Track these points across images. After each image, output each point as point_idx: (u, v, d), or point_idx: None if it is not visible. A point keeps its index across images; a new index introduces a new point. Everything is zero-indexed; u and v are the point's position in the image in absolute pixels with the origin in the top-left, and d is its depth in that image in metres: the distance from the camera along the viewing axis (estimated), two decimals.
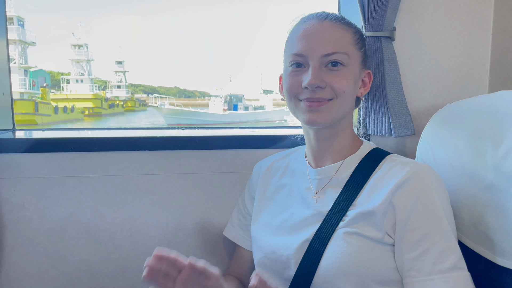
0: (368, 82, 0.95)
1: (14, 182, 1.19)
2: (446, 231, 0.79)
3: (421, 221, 0.79)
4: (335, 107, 0.86)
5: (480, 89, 1.33)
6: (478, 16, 1.30)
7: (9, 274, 1.22)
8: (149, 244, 1.26)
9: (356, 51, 0.89)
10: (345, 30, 0.88)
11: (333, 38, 0.86)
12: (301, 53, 0.86)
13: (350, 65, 0.87)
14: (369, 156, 0.92)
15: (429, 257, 0.77)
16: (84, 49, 47.71)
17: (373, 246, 0.81)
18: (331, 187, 0.91)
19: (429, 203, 0.80)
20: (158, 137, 1.24)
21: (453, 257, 0.77)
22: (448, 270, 0.76)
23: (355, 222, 0.83)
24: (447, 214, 0.81)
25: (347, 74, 0.86)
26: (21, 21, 32.91)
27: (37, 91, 33.63)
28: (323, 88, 0.84)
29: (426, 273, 0.77)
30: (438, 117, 1.08)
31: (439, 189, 0.83)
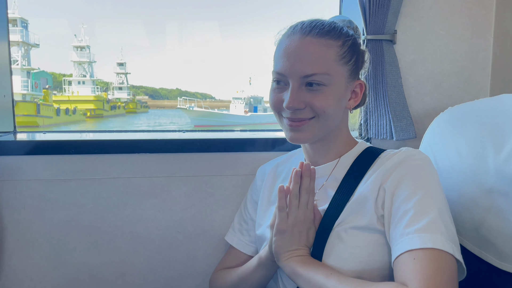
0: (359, 92, 0.90)
1: (15, 184, 1.19)
2: (424, 198, 0.76)
3: (401, 191, 0.78)
4: (317, 126, 0.86)
5: (482, 92, 1.33)
6: (480, 19, 1.30)
7: (9, 276, 1.22)
8: (150, 247, 1.26)
9: (341, 67, 0.85)
10: (328, 47, 0.83)
11: (314, 58, 0.82)
12: (281, 72, 0.85)
13: (333, 83, 0.84)
14: (364, 154, 0.92)
15: (402, 221, 0.75)
16: (86, 51, 47.84)
17: (369, 241, 0.80)
18: (328, 185, 0.91)
19: (412, 175, 0.79)
20: (159, 139, 1.24)
21: (425, 220, 0.73)
22: (417, 230, 0.72)
23: (349, 215, 0.83)
24: (430, 186, 0.78)
25: (329, 93, 0.84)
26: (24, 23, 33.02)
27: (39, 93, 33.71)
28: (302, 109, 0.84)
29: (398, 236, 0.74)
30: (440, 120, 1.07)
31: (426, 166, 0.81)
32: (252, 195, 1.13)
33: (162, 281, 1.28)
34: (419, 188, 0.77)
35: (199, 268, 1.29)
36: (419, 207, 0.75)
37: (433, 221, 0.73)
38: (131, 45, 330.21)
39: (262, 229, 1.02)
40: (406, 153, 0.84)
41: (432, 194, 0.77)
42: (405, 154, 0.83)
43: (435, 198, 0.77)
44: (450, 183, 0.96)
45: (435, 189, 0.79)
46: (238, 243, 1.11)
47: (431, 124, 1.10)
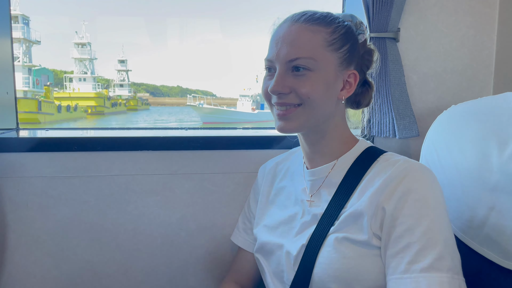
0: (353, 83, 0.87)
1: (17, 181, 1.19)
2: (429, 230, 0.74)
3: (404, 217, 0.75)
4: (305, 114, 0.84)
5: (485, 90, 1.32)
6: (483, 18, 1.30)
7: (12, 273, 1.22)
8: (152, 244, 1.27)
9: (330, 53, 0.83)
10: (315, 32, 0.83)
11: (299, 42, 0.82)
12: (270, 59, 0.85)
13: (319, 69, 0.82)
14: (363, 156, 0.89)
15: (406, 255, 0.73)
16: (87, 48, 47.84)
17: (361, 252, 0.79)
18: (324, 188, 0.90)
19: (414, 199, 0.76)
20: (162, 137, 1.24)
21: (430, 256, 0.71)
22: (423, 270, 0.71)
23: (344, 226, 0.81)
24: (435, 213, 0.76)
25: (314, 79, 0.82)
26: (26, 20, 33.01)
27: (40, 90, 33.74)
28: (287, 94, 0.83)
29: (400, 271, 0.73)
30: (443, 118, 1.07)
31: (429, 187, 0.78)
32: (255, 194, 1.13)
33: (164, 278, 1.29)
34: (423, 216, 0.75)
35: (201, 265, 1.29)
36: (424, 242, 0.73)
37: (439, 257, 0.72)
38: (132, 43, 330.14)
39: (258, 228, 1.02)
40: (407, 168, 0.80)
41: (437, 221, 0.75)
42: (406, 170, 0.79)
43: (440, 226, 0.75)
44: (453, 181, 0.96)
45: (440, 214, 0.76)
46: (243, 243, 1.11)
47: (434, 122, 1.09)
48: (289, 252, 0.89)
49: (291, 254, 0.88)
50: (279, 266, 0.92)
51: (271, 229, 0.97)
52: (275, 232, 0.95)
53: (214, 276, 1.29)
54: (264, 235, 0.97)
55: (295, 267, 0.87)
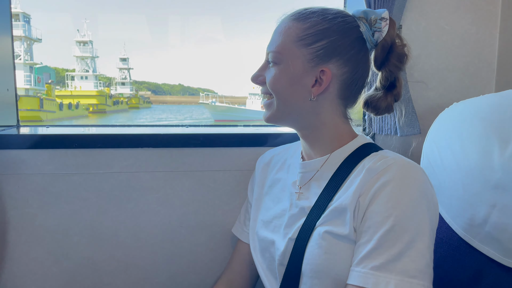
0: (324, 81, 0.83)
1: (18, 178, 1.19)
2: (392, 230, 0.72)
3: (372, 213, 0.75)
4: (274, 105, 0.87)
5: (487, 88, 1.32)
6: (485, 15, 1.29)
7: (12, 270, 1.22)
8: (152, 242, 1.27)
9: (298, 48, 0.83)
10: (290, 27, 0.85)
11: (275, 36, 0.87)
12: None
13: (284, 64, 0.84)
14: (358, 151, 0.87)
15: (363, 249, 0.74)
16: (89, 46, 47.90)
17: (341, 246, 0.78)
18: (315, 181, 0.89)
19: (386, 197, 0.74)
20: (162, 134, 1.24)
21: (384, 257, 0.71)
22: (373, 268, 0.71)
23: (329, 219, 0.81)
24: (405, 215, 0.73)
25: (278, 73, 0.85)
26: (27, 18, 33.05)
27: (42, 88, 33.81)
28: (263, 83, 0.89)
29: (355, 263, 0.74)
30: (445, 116, 1.07)
31: (406, 186, 0.75)
32: (252, 185, 1.13)
33: (165, 276, 1.29)
34: (390, 216, 0.73)
35: (201, 263, 1.29)
36: (382, 241, 0.72)
37: (393, 258, 0.70)
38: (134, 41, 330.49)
39: (253, 223, 1.03)
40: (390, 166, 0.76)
41: (404, 223, 0.72)
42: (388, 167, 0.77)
43: (407, 227, 0.72)
44: (454, 179, 0.95)
45: (410, 215, 0.73)
46: (241, 234, 1.11)
47: (436, 119, 1.09)
48: (278, 248, 0.89)
49: (280, 249, 0.88)
50: (272, 262, 0.92)
51: (266, 223, 0.97)
52: (269, 227, 0.95)
53: (214, 273, 1.29)
54: (261, 231, 0.97)
55: (284, 262, 0.86)
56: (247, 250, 1.09)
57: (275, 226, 0.94)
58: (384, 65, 0.87)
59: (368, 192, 0.76)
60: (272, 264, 0.92)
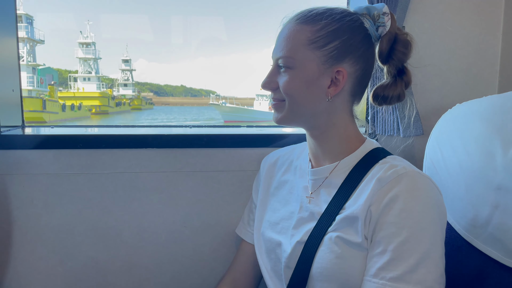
0: (341, 80, 0.85)
1: (23, 178, 1.20)
2: (407, 241, 0.73)
3: (386, 224, 0.76)
4: (287, 108, 0.87)
5: (490, 89, 1.32)
6: (488, 16, 1.29)
7: (17, 269, 1.23)
8: (156, 242, 1.27)
9: (311, 51, 0.83)
10: (300, 31, 0.84)
11: (284, 41, 0.86)
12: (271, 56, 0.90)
13: (299, 67, 0.84)
14: (367, 158, 0.88)
15: (379, 260, 0.75)
16: (92, 48, 47.98)
17: (354, 253, 0.79)
18: (324, 188, 0.90)
19: (400, 208, 0.75)
20: (166, 135, 1.24)
21: (401, 268, 0.72)
22: (391, 279, 0.72)
23: (341, 227, 0.82)
24: (418, 226, 0.74)
25: (294, 76, 0.84)
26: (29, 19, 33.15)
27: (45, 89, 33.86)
28: (275, 89, 0.88)
29: (371, 274, 0.75)
30: (448, 117, 1.07)
31: (418, 197, 0.76)
32: (257, 185, 1.13)
33: (168, 276, 1.29)
34: (405, 227, 0.74)
35: (205, 263, 1.30)
36: (399, 253, 0.73)
37: (410, 270, 0.72)
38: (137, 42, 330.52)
39: (258, 223, 1.03)
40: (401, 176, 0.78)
41: (419, 234, 0.74)
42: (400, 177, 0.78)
43: (421, 239, 0.74)
44: (457, 180, 0.95)
45: (424, 226, 0.75)
46: (245, 234, 1.12)
47: (439, 120, 1.09)
48: (285, 250, 0.89)
49: (287, 251, 0.89)
50: (278, 263, 0.92)
51: (273, 225, 0.97)
52: (276, 228, 0.96)
53: (217, 274, 1.29)
54: (268, 232, 0.98)
55: (291, 265, 0.87)
56: (251, 251, 1.09)
57: (283, 228, 0.94)
58: (390, 56, 0.89)
59: (380, 203, 0.77)
60: (277, 266, 0.92)
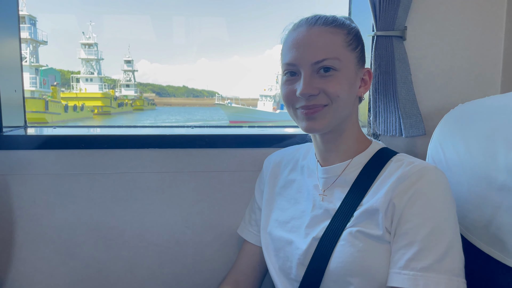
0: (368, 80, 0.93)
1: (25, 178, 1.20)
2: (434, 231, 0.76)
3: (411, 215, 0.78)
4: (331, 113, 0.86)
5: (492, 89, 1.32)
6: (491, 16, 1.29)
7: (19, 269, 1.23)
8: (158, 242, 1.27)
9: (349, 52, 0.87)
10: (335, 34, 0.86)
11: (323, 44, 0.84)
12: (292, 63, 0.86)
13: (343, 69, 0.85)
14: (377, 156, 0.91)
15: (407, 251, 0.76)
16: (94, 48, 48.09)
17: (375, 246, 0.81)
18: (337, 186, 0.91)
19: (424, 200, 0.78)
20: (168, 135, 1.24)
21: (431, 257, 0.74)
22: (422, 269, 0.74)
23: (360, 221, 0.83)
24: (442, 216, 0.78)
25: (341, 78, 0.85)
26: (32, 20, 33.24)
27: (47, 90, 33.95)
28: (316, 95, 0.85)
29: (399, 266, 0.76)
30: (450, 117, 1.07)
31: (441, 189, 0.81)
32: (260, 185, 1.14)
33: (170, 276, 1.29)
34: (430, 218, 0.77)
35: (206, 263, 1.30)
36: (427, 243, 0.75)
37: (439, 258, 0.74)
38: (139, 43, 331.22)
39: (265, 223, 1.03)
40: (422, 170, 0.81)
41: (443, 224, 0.77)
42: (421, 171, 0.81)
43: (446, 229, 0.77)
44: (459, 180, 0.95)
45: (447, 217, 0.78)
46: (247, 235, 1.12)
47: (441, 121, 1.09)
48: (299, 247, 0.90)
49: (301, 249, 0.89)
50: (286, 262, 0.92)
51: (282, 224, 0.98)
52: (286, 227, 0.96)
53: (219, 274, 1.29)
54: (276, 231, 0.98)
55: (305, 262, 0.87)
56: (253, 251, 1.09)
57: (293, 227, 0.95)
58: None
59: (403, 196, 0.80)
60: (285, 264, 0.93)
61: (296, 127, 1.47)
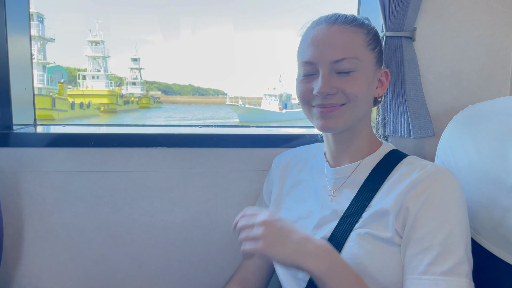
0: (385, 81, 0.92)
1: (35, 176, 1.21)
2: (451, 235, 0.76)
3: (427, 219, 0.77)
4: (348, 112, 0.86)
5: (502, 91, 1.31)
6: (501, 17, 1.28)
7: (28, 266, 1.25)
8: (165, 240, 1.28)
9: (368, 52, 0.86)
10: (355, 33, 0.85)
11: (342, 43, 0.83)
12: (310, 61, 0.86)
13: (362, 69, 0.85)
14: (387, 158, 0.91)
15: (426, 256, 0.75)
16: (101, 46, 48.29)
17: (384, 248, 0.80)
18: (347, 187, 0.91)
19: (439, 203, 0.78)
20: (177, 134, 1.25)
21: (451, 261, 0.74)
22: (443, 273, 0.73)
23: (368, 223, 0.83)
24: (458, 219, 0.78)
25: (359, 78, 0.84)
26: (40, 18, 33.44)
27: (54, 87, 34.17)
28: (334, 94, 0.84)
29: (419, 272, 0.75)
30: (459, 118, 1.06)
31: (455, 192, 0.80)
32: (268, 185, 1.14)
33: (177, 274, 1.30)
34: (447, 221, 0.77)
35: (213, 262, 1.30)
36: (446, 246, 0.75)
37: (459, 262, 0.74)
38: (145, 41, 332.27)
39: None
40: (435, 173, 0.81)
41: (459, 227, 0.77)
42: (434, 175, 0.81)
43: (462, 232, 0.77)
44: (469, 182, 0.95)
45: (461, 220, 0.78)
46: None
47: (450, 122, 1.09)
48: None
49: None
50: None
51: None
52: None
53: (226, 273, 1.30)
54: None
55: None
56: None
57: (300, 226, 0.94)
58: None
59: (417, 200, 0.79)
60: None
61: (304, 127, 1.48)
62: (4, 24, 1.23)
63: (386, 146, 0.94)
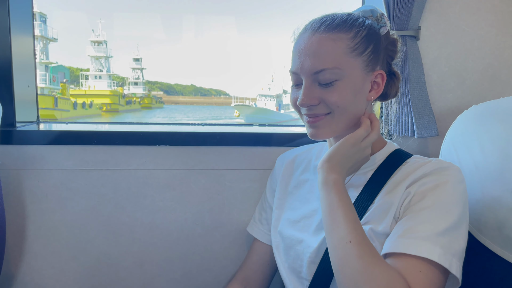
0: (381, 82, 0.87)
1: (37, 173, 1.22)
2: (439, 209, 0.76)
3: (422, 194, 0.78)
4: (334, 121, 0.85)
5: (507, 90, 1.30)
6: (505, 17, 1.28)
7: (31, 264, 1.25)
8: (168, 238, 1.28)
9: (353, 59, 0.82)
10: (337, 41, 0.82)
11: (322, 53, 0.81)
12: (295, 71, 0.85)
13: (346, 77, 0.82)
14: (392, 157, 0.90)
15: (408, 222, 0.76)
16: (103, 46, 48.41)
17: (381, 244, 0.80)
18: (351, 186, 0.91)
19: (439, 192, 0.78)
20: (180, 132, 1.25)
21: (430, 229, 0.73)
22: (417, 237, 0.73)
23: (371, 218, 0.83)
24: (452, 201, 0.77)
25: (342, 87, 0.82)
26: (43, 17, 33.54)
27: (57, 87, 34.26)
28: (316, 105, 0.84)
29: (397, 235, 0.75)
30: (464, 118, 1.06)
31: (456, 186, 0.80)
32: (271, 183, 1.13)
33: (179, 272, 1.29)
34: (438, 199, 0.77)
35: (215, 261, 1.30)
36: (430, 217, 0.75)
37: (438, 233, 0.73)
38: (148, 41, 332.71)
39: (276, 222, 1.03)
40: (440, 167, 0.81)
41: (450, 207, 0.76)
42: (439, 168, 0.81)
43: (452, 212, 0.76)
44: (473, 182, 0.94)
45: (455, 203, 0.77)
46: (257, 233, 1.12)
47: (455, 121, 1.08)
48: (309, 245, 0.89)
49: (312, 247, 0.88)
50: (296, 261, 0.92)
51: (293, 223, 0.97)
52: (296, 226, 0.96)
53: (228, 271, 1.30)
54: (287, 230, 0.98)
55: (316, 260, 0.87)
56: (263, 249, 1.09)
57: (304, 225, 0.94)
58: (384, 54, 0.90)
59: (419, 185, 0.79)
60: (295, 263, 0.93)
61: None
62: (7, 23, 1.23)
63: (390, 146, 0.93)
